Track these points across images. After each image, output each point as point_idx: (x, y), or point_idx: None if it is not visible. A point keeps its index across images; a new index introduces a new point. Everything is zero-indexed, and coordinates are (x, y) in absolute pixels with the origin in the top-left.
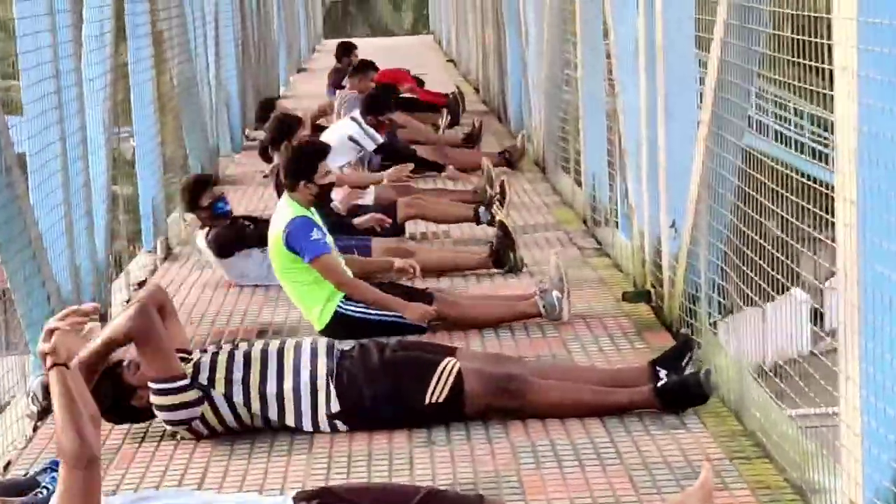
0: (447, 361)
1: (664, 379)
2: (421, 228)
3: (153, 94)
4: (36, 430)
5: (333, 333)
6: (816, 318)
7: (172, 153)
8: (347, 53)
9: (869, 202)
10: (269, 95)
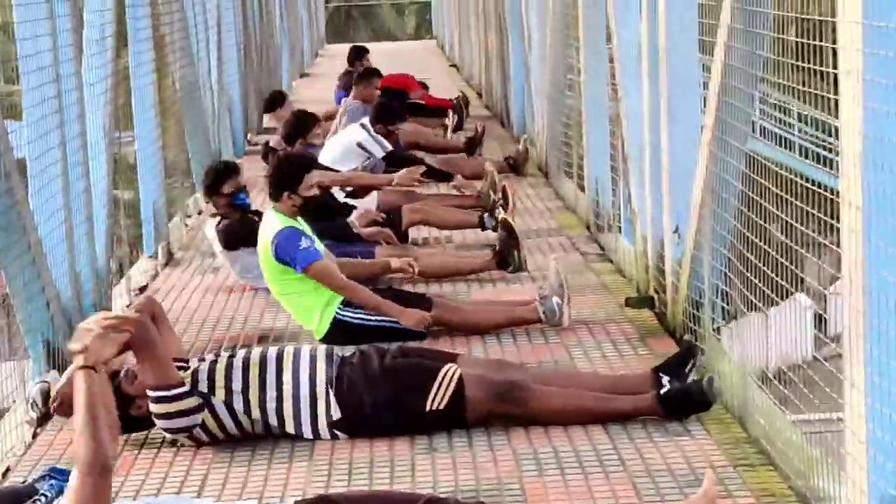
0: (448, 368)
1: (667, 386)
2: (423, 234)
3: (154, 98)
4: (35, 436)
5: (333, 341)
6: (819, 323)
7: (174, 158)
8: (360, 57)
9: (874, 207)
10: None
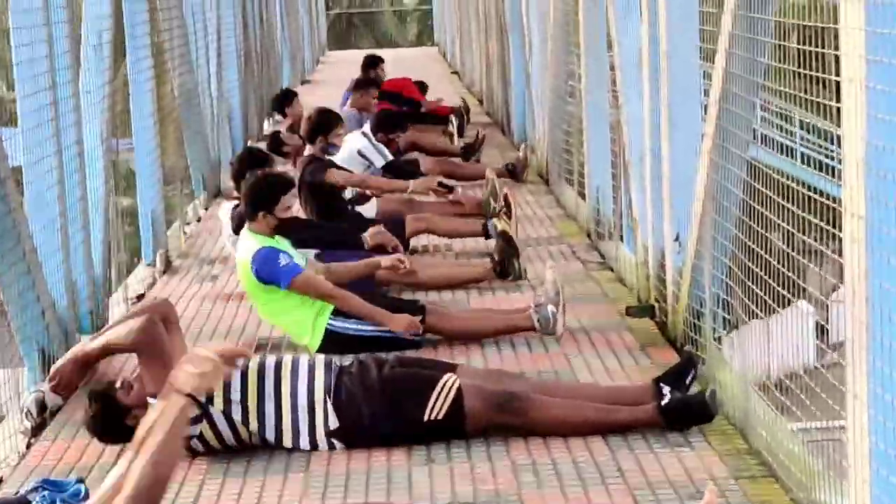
0: (447, 378)
1: (668, 396)
2: (422, 241)
3: (153, 105)
4: (29, 446)
5: (328, 352)
6: (820, 332)
7: (173, 165)
8: (374, 66)
9: (877, 217)
10: (270, 108)
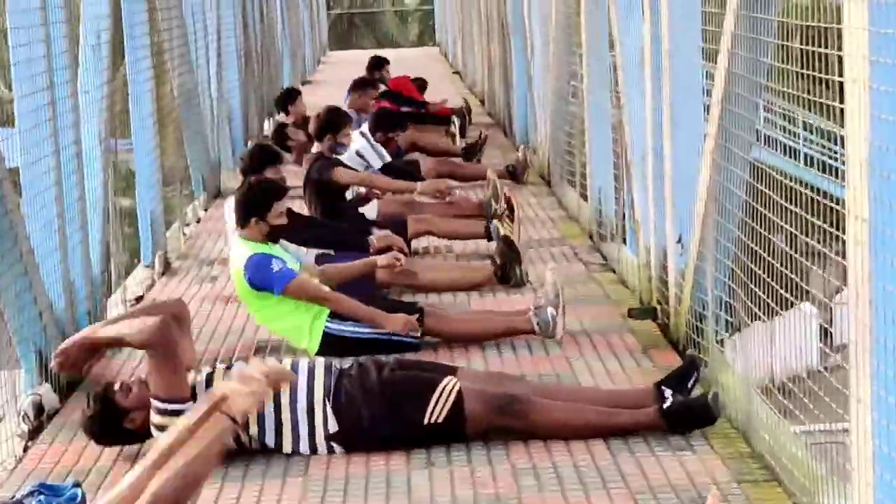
0: (447, 381)
1: (670, 399)
2: (422, 243)
3: (152, 105)
4: (26, 450)
5: (327, 355)
6: (823, 335)
7: (173, 166)
8: (379, 67)
9: (880, 219)
10: (271, 107)
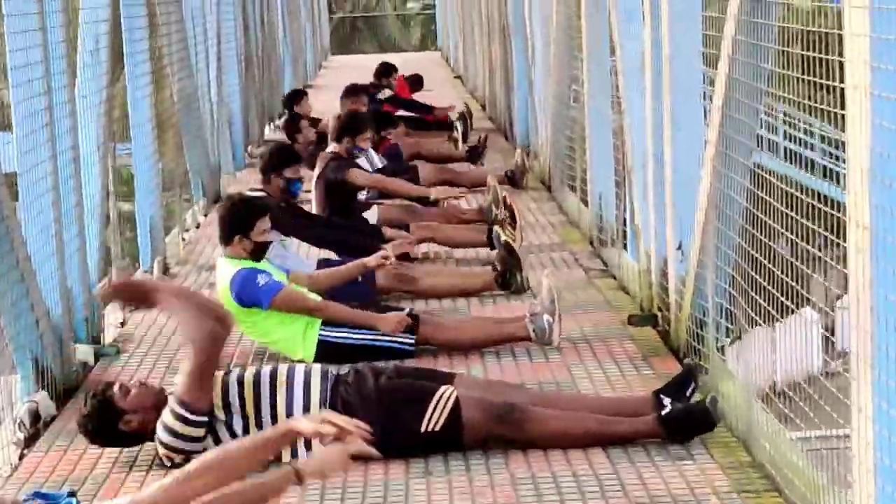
0: (444, 389)
1: (668, 407)
2: (423, 248)
3: (151, 110)
4: (22, 458)
5: (323, 363)
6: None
7: (172, 170)
8: (388, 75)
9: (882, 226)
10: (272, 111)
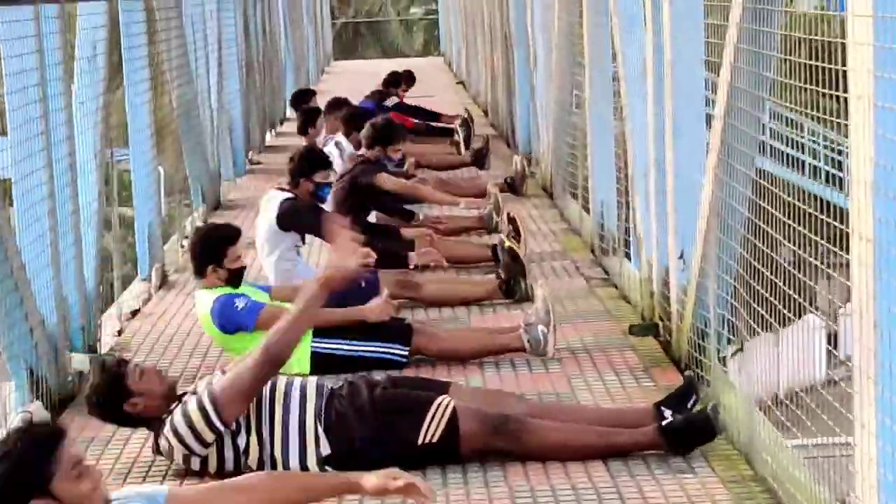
0: (441, 399)
1: (669, 418)
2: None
3: (149, 117)
4: None
5: (317, 375)
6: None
7: (172, 177)
8: (396, 85)
9: (885, 239)
10: (274, 117)
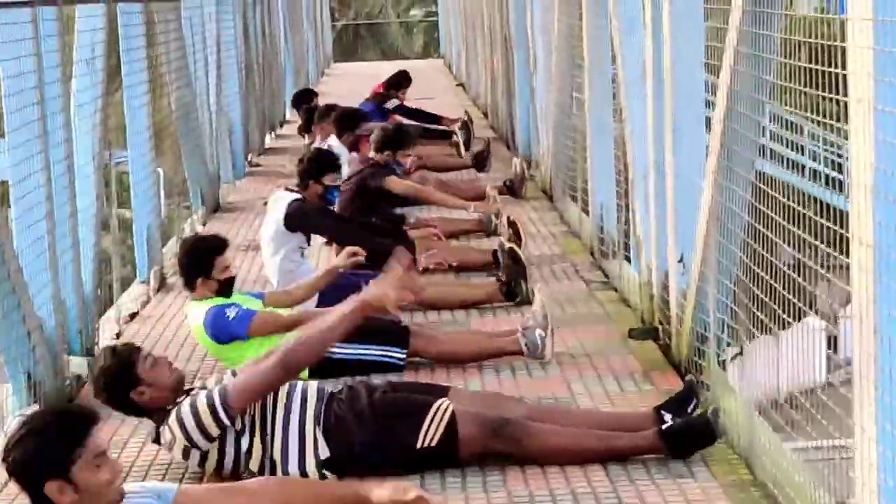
0: (440, 403)
1: (669, 422)
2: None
3: (148, 119)
4: None
5: (316, 378)
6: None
7: (171, 179)
8: (399, 87)
9: (885, 243)
10: (273, 119)
